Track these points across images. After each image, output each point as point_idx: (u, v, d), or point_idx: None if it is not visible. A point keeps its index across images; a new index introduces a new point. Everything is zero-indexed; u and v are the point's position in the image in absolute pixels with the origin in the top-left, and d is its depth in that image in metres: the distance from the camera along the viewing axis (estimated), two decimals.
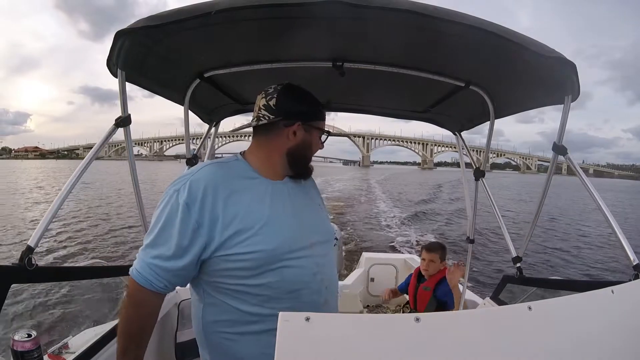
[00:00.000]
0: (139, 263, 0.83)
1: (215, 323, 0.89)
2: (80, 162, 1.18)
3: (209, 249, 0.82)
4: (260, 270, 0.84)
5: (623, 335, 0.76)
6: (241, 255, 0.82)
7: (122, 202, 14.32)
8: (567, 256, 8.83)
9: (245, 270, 0.84)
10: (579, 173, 1.25)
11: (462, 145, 2.07)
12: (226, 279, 0.85)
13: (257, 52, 1.26)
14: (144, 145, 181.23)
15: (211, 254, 0.83)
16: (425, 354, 0.57)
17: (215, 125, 2.04)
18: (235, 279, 0.85)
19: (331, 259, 1.01)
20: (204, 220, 0.81)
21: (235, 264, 0.83)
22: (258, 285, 0.85)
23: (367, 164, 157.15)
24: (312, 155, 1.00)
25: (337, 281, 1.04)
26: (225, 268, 0.84)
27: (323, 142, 1.02)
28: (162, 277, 0.82)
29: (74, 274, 1.59)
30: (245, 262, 0.83)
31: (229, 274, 0.85)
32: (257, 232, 0.83)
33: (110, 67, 1.08)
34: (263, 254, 0.83)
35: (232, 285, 0.85)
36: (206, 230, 0.81)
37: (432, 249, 2.17)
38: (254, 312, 0.85)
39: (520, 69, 1.08)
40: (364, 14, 0.87)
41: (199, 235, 0.81)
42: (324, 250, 0.97)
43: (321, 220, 1.03)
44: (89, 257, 6.38)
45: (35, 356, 0.87)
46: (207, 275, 0.87)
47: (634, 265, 1.07)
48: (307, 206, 1.00)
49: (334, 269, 1.03)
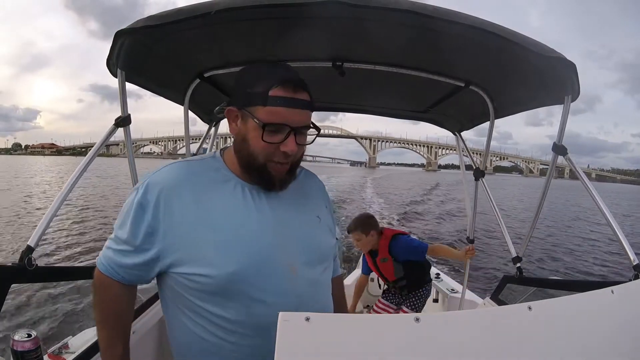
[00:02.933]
0: (102, 250, 0.79)
1: (177, 342, 0.81)
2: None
3: (164, 260, 0.72)
4: (217, 299, 0.71)
5: (623, 335, 0.76)
6: (192, 276, 0.71)
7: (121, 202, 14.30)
8: (567, 256, 8.83)
9: (200, 293, 0.72)
10: (578, 173, 1.25)
11: (462, 145, 2.07)
12: (183, 299, 0.75)
13: (257, 52, 1.26)
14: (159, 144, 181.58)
15: (167, 269, 0.73)
16: (425, 354, 0.57)
17: (215, 125, 2.04)
18: (194, 300, 0.73)
19: (323, 287, 0.83)
20: (159, 227, 0.71)
21: (190, 284, 0.72)
22: (216, 314, 0.72)
23: (373, 165, 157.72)
24: (253, 154, 0.74)
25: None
26: (182, 286, 0.73)
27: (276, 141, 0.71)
28: (116, 270, 0.76)
29: (74, 274, 1.59)
30: (195, 285, 0.71)
31: (186, 294, 0.74)
32: (210, 252, 0.70)
33: (110, 67, 1.08)
34: (212, 280, 0.69)
35: (190, 305, 0.74)
36: (160, 238, 0.72)
37: (350, 230, 2.19)
38: (215, 343, 0.73)
39: (520, 69, 1.08)
40: (364, 14, 0.87)
41: (154, 241, 0.72)
42: (312, 274, 0.78)
43: (313, 237, 0.83)
44: (89, 257, 6.38)
45: (35, 356, 0.87)
46: (165, 288, 0.78)
47: (634, 265, 1.07)
48: (296, 219, 0.81)
49: (326, 299, 0.84)
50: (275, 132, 0.71)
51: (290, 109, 0.71)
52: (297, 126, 0.72)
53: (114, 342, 0.80)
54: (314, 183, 0.94)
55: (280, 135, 0.72)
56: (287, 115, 0.71)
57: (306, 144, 0.78)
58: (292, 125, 0.72)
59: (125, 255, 0.75)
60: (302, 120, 0.73)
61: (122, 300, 0.81)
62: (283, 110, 0.70)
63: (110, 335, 0.80)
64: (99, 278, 0.79)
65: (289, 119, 0.71)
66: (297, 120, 0.72)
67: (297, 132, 0.73)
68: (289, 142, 0.72)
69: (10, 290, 0.90)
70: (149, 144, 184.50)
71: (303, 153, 0.79)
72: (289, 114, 0.71)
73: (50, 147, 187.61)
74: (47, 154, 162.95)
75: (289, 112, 0.71)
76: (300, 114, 0.72)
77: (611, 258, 8.31)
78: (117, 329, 0.81)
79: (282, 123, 0.71)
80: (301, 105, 0.72)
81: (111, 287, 0.78)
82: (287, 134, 0.72)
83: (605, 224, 1.16)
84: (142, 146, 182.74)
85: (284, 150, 0.72)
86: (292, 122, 0.71)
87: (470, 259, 2.03)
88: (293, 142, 0.73)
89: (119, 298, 0.80)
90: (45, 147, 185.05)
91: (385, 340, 0.56)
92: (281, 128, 0.71)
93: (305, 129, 0.75)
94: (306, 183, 0.91)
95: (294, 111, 0.72)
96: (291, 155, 0.74)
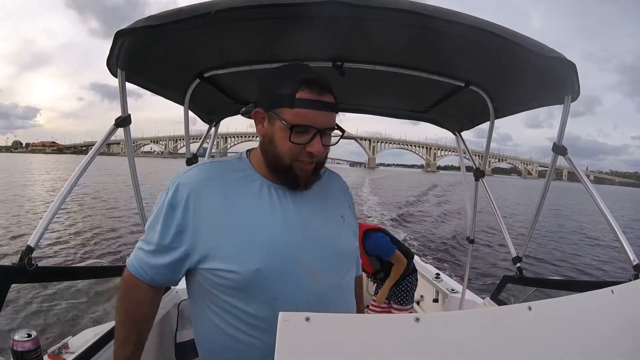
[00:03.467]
0: (133, 252, 0.82)
1: (204, 340, 0.82)
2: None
3: (191, 258, 0.75)
4: (243, 294, 0.73)
5: (623, 335, 0.76)
6: (220, 272, 0.73)
7: (122, 201, 14.32)
8: (567, 256, 8.83)
9: (227, 289, 0.74)
10: (579, 174, 1.25)
11: (462, 145, 2.07)
12: (211, 295, 0.76)
13: (257, 52, 1.26)
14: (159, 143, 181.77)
15: (195, 265, 0.75)
16: (425, 354, 0.57)
17: (215, 125, 2.05)
18: (222, 295, 0.75)
19: (345, 288, 0.83)
20: (188, 225, 0.74)
21: (217, 280, 0.74)
22: (242, 309, 0.74)
23: (372, 165, 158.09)
24: (280, 154, 0.76)
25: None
26: (210, 282, 0.75)
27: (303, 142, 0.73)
28: (146, 270, 0.78)
29: (74, 274, 1.59)
30: (222, 280, 0.73)
31: (214, 290, 0.76)
32: (236, 249, 0.73)
33: (110, 66, 1.08)
34: (238, 276, 0.72)
35: (217, 300, 0.76)
36: (189, 236, 0.74)
37: None
38: (238, 337, 0.75)
39: (520, 69, 1.08)
40: (364, 14, 0.87)
41: (182, 240, 0.74)
42: (334, 275, 0.79)
43: (337, 237, 0.83)
44: (88, 257, 6.38)
45: (35, 356, 0.87)
46: (194, 284, 0.80)
47: (634, 265, 1.07)
48: (320, 219, 0.81)
49: (347, 301, 0.84)
50: (302, 133, 0.74)
51: (316, 111, 0.73)
52: (323, 127, 0.75)
53: (127, 342, 0.81)
54: (338, 183, 0.96)
55: (306, 136, 0.74)
56: (313, 117, 0.73)
57: (331, 145, 0.80)
58: (318, 126, 0.74)
59: (156, 255, 0.77)
60: (327, 122, 0.76)
61: (146, 304, 0.83)
62: (309, 112, 0.73)
63: (126, 335, 0.81)
64: (127, 278, 0.81)
65: (315, 120, 0.74)
66: (323, 122, 0.75)
67: (323, 134, 0.76)
68: (315, 143, 0.75)
69: (10, 290, 0.90)
70: (150, 143, 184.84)
71: (327, 153, 0.81)
72: (315, 115, 0.73)
73: (51, 145, 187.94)
74: (48, 152, 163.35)
75: (315, 114, 0.73)
76: (325, 115, 0.75)
77: (611, 258, 8.31)
78: (133, 330, 0.82)
79: (309, 125, 0.73)
80: (327, 108, 0.75)
81: (138, 288, 0.80)
82: (313, 135, 0.74)
83: (605, 224, 1.16)
84: (142, 145, 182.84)
85: (310, 150, 0.75)
86: (318, 123, 0.74)
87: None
88: (319, 143, 0.75)
89: (144, 301, 0.82)
90: (46, 145, 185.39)
91: (385, 340, 0.56)
92: (308, 129, 0.74)
93: (330, 130, 0.77)
94: (330, 183, 0.93)
95: (320, 113, 0.74)
96: (317, 156, 0.76)
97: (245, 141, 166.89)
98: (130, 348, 0.81)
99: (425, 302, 2.93)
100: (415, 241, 9.36)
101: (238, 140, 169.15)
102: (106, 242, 8.14)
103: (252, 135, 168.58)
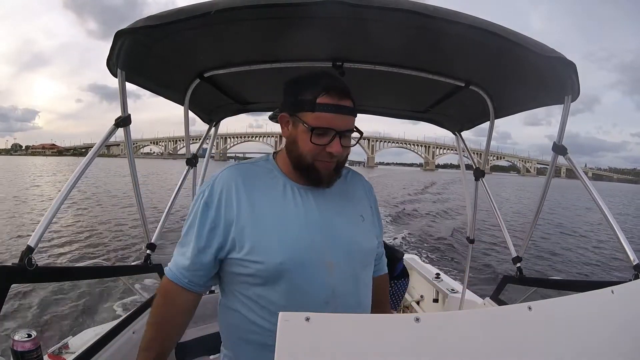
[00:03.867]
0: (172, 258, 0.87)
1: (228, 326, 0.88)
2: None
3: (224, 249, 0.81)
4: (266, 284, 0.80)
5: (623, 335, 0.76)
6: (247, 262, 0.80)
7: (121, 201, 14.33)
8: (567, 256, 8.83)
9: (250, 277, 0.81)
10: (578, 173, 1.25)
11: (462, 145, 2.07)
12: (238, 284, 0.83)
13: (257, 52, 1.26)
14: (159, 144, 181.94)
15: (226, 255, 0.82)
16: (425, 354, 0.57)
17: (215, 125, 2.05)
18: (247, 285, 0.82)
19: (360, 284, 0.87)
20: (220, 221, 0.81)
21: (242, 270, 0.81)
22: (265, 297, 0.80)
23: (371, 165, 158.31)
24: (302, 154, 0.82)
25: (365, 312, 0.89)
26: (237, 273, 0.82)
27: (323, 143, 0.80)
28: (184, 274, 0.83)
29: (74, 274, 1.59)
30: (249, 270, 0.80)
31: (240, 280, 0.82)
32: (263, 242, 0.79)
33: (110, 67, 1.08)
34: (263, 266, 0.78)
35: (243, 289, 0.83)
36: (222, 231, 0.80)
37: None
38: (258, 322, 0.81)
39: (520, 69, 1.08)
40: (364, 14, 0.87)
41: (215, 236, 0.81)
42: (349, 271, 0.84)
43: (355, 235, 0.88)
44: (89, 257, 6.38)
45: (35, 356, 0.87)
46: (225, 275, 0.86)
47: (634, 265, 1.07)
48: (339, 217, 0.87)
49: (362, 297, 0.88)
50: (322, 135, 0.80)
51: (335, 114, 0.80)
52: (342, 130, 0.81)
53: (151, 346, 0.83)
54: (361, 184, 1.01)
55: (326, 138, 0.80)
56: (332, 120, 0.80)
57: (350, 146, 0.86)
58: (337, 129, 0.80)
59: (193, 257, 0.82)
60: (346, 125, 0.82)
61: (179, 311, 0.86)
62: (329, 115, 0.79)
63: (152, 339, 0.84)
64: (165, 284, 0.86)
65: (334, 123, 0.80)
66: (342, 125, 0.81)
67: (342, 135, 0.81)
68: (334, 144, 0.81)
69: (10, 290, 0.90)
70: (150, 144, 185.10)
71: (348, 154, 0.87)
72: (334, 119, 0.80)
73: (51, 147, 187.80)
74: (48, 155, 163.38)
75: (334, 118, 0.80)
76: (344, 119, 0.81)
77: (611, 258, 8.31)
78: (160, 335, 0.84)
79: (328, 127, 0.80)
80: (345, 112, 0.81)
81: (175, 295, 0.84)
82: (332, 136, 0.80)
83: (605, 223, 1.16)
84: (142, 146, 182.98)
85: (330, 151, 0.81)
86: (337, 126, 0.80)
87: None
88: (338, 144, 0.81)
89: (178, 308, 0.85)
90: (46, 148, 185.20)
91: (385, 340, 0.56)
92: (327, 131, 0.80)
93: (349, 132, 0.83)
94: (353, 184, 0.98)
95: (339, 116, 0.80)
96: (336, 156, 0.82)
97: (245, 141, 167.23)
98: (152, 353, 0.82)
99: (425, 302, 2.93)
100: (415, 238, 9.38)
101: (238, 141, 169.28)
102: (106, 241, 8.14)
103: (251, 136, 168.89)
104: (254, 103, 1.90)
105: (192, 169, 1.80)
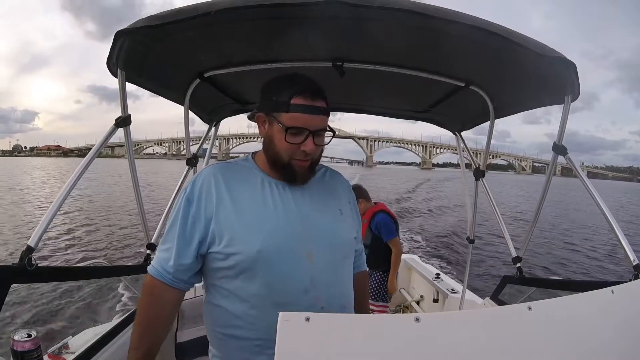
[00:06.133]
0: (155, 256, 0.89)
1: (213, 322, 0.88)
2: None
3: (205, 243, 0.83)
4: (245, 274, 0.81)
5: (623, 335, 0.76)
6: (225, 255, 0.82)
7: (122, 201, 14.33)
8: (567, 256, 8.83)
9: (230, 270, 0.82)
10: (578, 173, 1.25)
11: (462, 145, 2.07)
12: (219, 279, 0.85)
13: (257, 52, 1.26)
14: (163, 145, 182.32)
15: (207, 249, 0.84)
16: (425, 354, 0.57)
17: (215, 126, 2.05)
18: (228, 279, 0.84)
19: (339, 276, 0.89)
20: (201, 215, 0.83)
21: (223, 263, 0.83)
22: (245, 289, 0.82)
23: (370, 164, 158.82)
24: (279, 153, 0.85)
25: (346, 302, 0.91)
26: (218, 267, 0.84)
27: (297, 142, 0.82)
28: (167, 271, 0.84)
29: (74, 274, 1.59)
30: (229, 262, 0.82)
31: (221, 275, 0.84)
32: (241, 233, 0.81)
33: (110, 67, 1.08)
34: (242, 257, 0.80)
35: (224, 283, 0.85)
36: (202, 225, 0.83)
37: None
38: (241, 316, 0.82)
39: (520, 69, 1.08)
40: (364, 14, 0.87)
41: (196, 230, 0.83)
42: (327, 264, 0.86)
43: (333, 227, 0.90)
44: (89, 257, 6.38)
45: (35, 356, 0.87)
46: (207, 272, 0.87)
47: (634, 265, 1.07)
48: (317, 211, 0.89)
49: (342, 287, 0.90)
50: (296, 134, 0.83)
51: (308, 114, 0.83)
52: (315, 129, 0.84)
53: (140, 345, 0.84)
54: (339, 181, 1.04)
55: (300, 137, 0.83)
56: (306, 120, 0.82)
57: (323, 145, 0.89)
58: (310, 128, 0.83)
59: (175, 253, 0.84)
60: (319, 124, 0.85)
61: (165, 307, 0.87)
62: (302, 115, 0.82)
63: (140, 336, 0.85)
64: (149, 282, 0.86)
65: (307, 123, 0.83)
66: (315, 124, 0.84)
67: (315, 134, 0.84)
68: (308, 143, 0.84)
69: (10, 290, 0.90)
70: (154, 145, 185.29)
71: (322, 152, 0.90)
72: (307, 119, 0.83)
73: (56, 148, 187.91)
74: (54, 155, 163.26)
75: (307, 118, 0.83)
76: (317, 119, 0.84)
77: (611, 258, 8.31)
78: (148, 333, 0.85)
79: (302, 127, 0.82)
80: (318, 112, 0.84)
81: (159, 292, 0.85)
82: (306, 136, 0.83)
83: (605, 224, 1.16)
84: (145, 147, 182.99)
85: (304, 149, 0.84)
86: (310, 126, 0.83)
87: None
88: (311, 143, 0.84)
89: (163, 304, 0.87)
90: (51, 149, 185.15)
91: (385, 340, 0.56)
92: (301, 131, 0.83)
93: (322, 131, 0.86)
94: (331, 181, 1.01)
95: (312, 117, 0.83)
96: (310, 154, 0.85)
97: (247, 142, 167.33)
98: (140, 352, 0.83)
99: (425, 302, 2.93)
100: (415, 235, 9.38)
101: (240, 141, 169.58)
102: (106, 241, 8.14)
103: (253, 136, 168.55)
104: (254, 103, 1.90)
105: (192, 169, 1.80)
